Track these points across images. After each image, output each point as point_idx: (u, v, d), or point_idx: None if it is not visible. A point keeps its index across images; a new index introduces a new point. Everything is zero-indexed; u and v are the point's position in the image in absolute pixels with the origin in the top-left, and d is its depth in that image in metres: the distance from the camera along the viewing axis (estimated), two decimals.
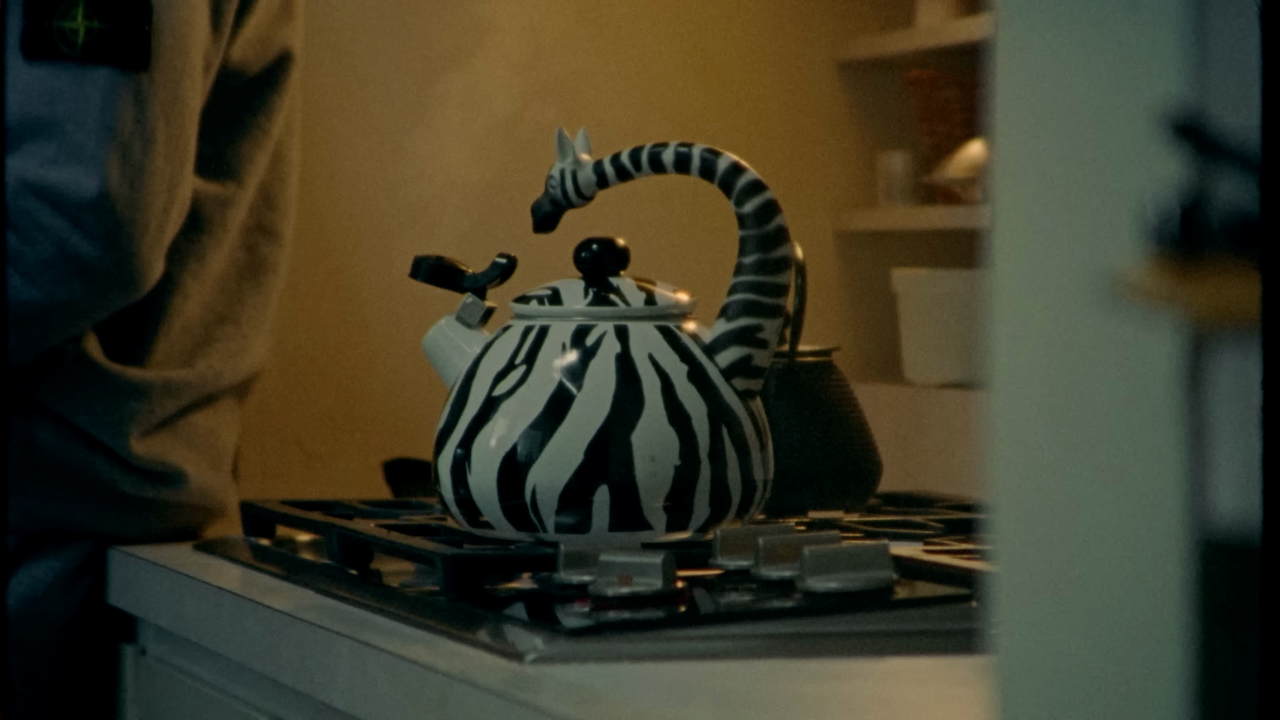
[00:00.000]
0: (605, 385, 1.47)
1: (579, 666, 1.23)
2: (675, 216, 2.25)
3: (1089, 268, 0.62)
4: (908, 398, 2.13)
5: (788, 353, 1.75)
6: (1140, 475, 0.60)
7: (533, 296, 1.56)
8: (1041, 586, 0.67)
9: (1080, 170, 0.63)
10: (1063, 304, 0.64)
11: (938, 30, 2.14)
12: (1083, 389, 0.62)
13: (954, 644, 1.28)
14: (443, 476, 1.51)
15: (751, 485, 1.48)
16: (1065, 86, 0.65)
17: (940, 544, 1.54)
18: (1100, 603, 0.63)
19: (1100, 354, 0.61)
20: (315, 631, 1.41)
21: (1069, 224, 0.64)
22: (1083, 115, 0.63)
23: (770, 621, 1.30)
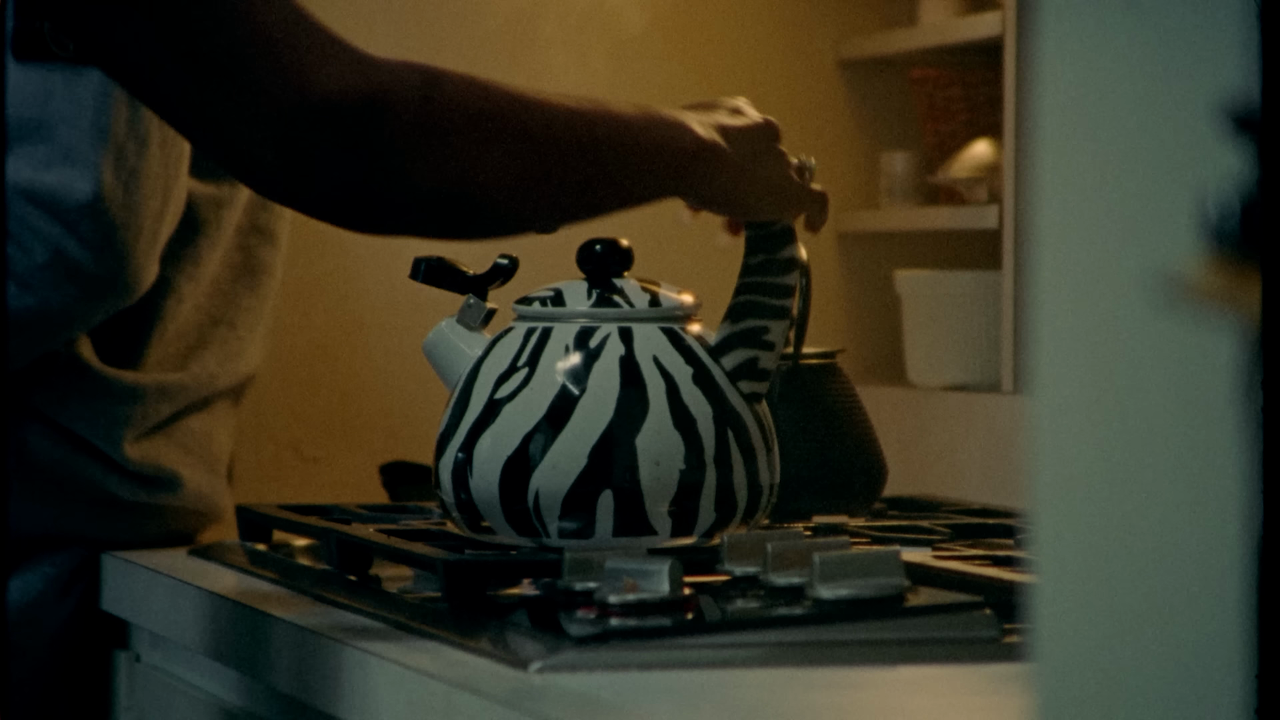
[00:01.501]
0: (609, 388, 1.44)
1: (586, 675, 1.21)
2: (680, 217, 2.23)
3: (1143, 268, 0.59)
4: (911, 400, 2.11)
5: (792, 355, 1.73)
6: (1196, 483, 0.57)
7: (535, 298, 1.53)
8: (1086, 598, 0.64)
9: (1133, 166, 0.61)
10: (1113, 306, 0.61)
11: (941, 28, 2.12)
12: (1134, 394, 0.60)
13: (968, 652, 1.26)
14: (444, 480, 1.49)
15: (758, 490, 1.46)
16: (1116, 79, 0.62)
17: (950, 549, 1.52)
18: (1152, 615, 0.61)
19: (1154, 358, 0.59)
20: (315, 639, 1.39)
21: (1121, 223, 0.62)
22: (1135, 108, 0.60)
23: (780, 629, 1.27)
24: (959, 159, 2.11)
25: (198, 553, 1.78)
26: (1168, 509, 0.58)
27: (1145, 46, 0.60)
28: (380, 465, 2.05)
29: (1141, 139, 0.61)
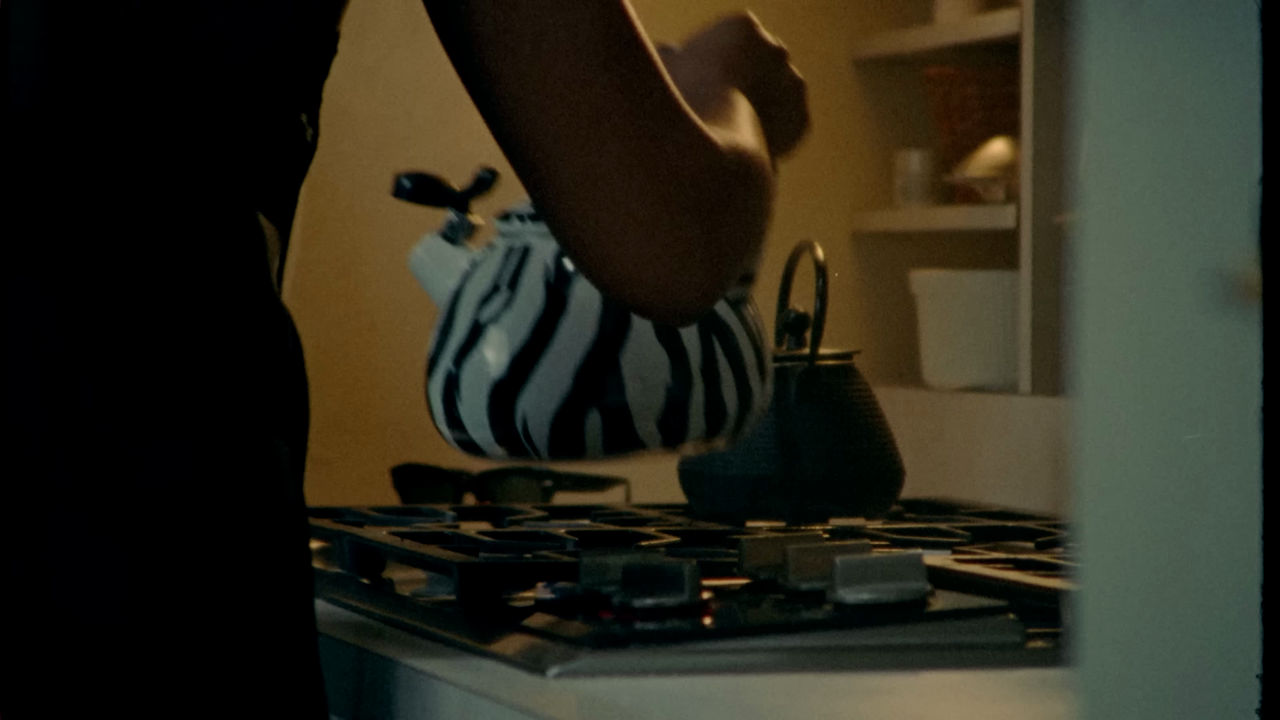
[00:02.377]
0: (590, 305, 1.41)
1: (604, 681, 1.19)
2: None
3: (1195, 267, 0.58)
4: (926, 402, 2.09)
5: (808, 356, 1.71)
6: (1247, 487, 0.56)
7: (513, 213, 1.50)
8: (1131, 605, 0.63)
9: (1185, 163, 0.59)
10: (1163, 306, 0.60)
11: (957, 26, 2.11)
12: (1184, 396, 0.58)
13: (992, 658, 1.24)
14: (434, 404, 1.46)
15: (748, 398, 1.42)
16: (1166, 75, 0.61)
17: (970, 553, 1.50)
18: (1199, 622, 0.59)
19: (1205, 359, 0.57)
20: (329, 643, 1.37)
21: (1172, 221, 0.60)
22: (1187, 104, 0.59)
23: (800, 634, 1.25)
24: (975, 158, 2.09)
25: None
26: (1218, 514, 0.56)
27: (1198, 43, 0.59)
28: (392, 467, 2.03)
29: (1193, 136, 0.59)
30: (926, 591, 1.28)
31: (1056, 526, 1.64)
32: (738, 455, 1.68)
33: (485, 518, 1.74)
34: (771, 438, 1.68)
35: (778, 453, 1.68)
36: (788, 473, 1.68)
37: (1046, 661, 1.25)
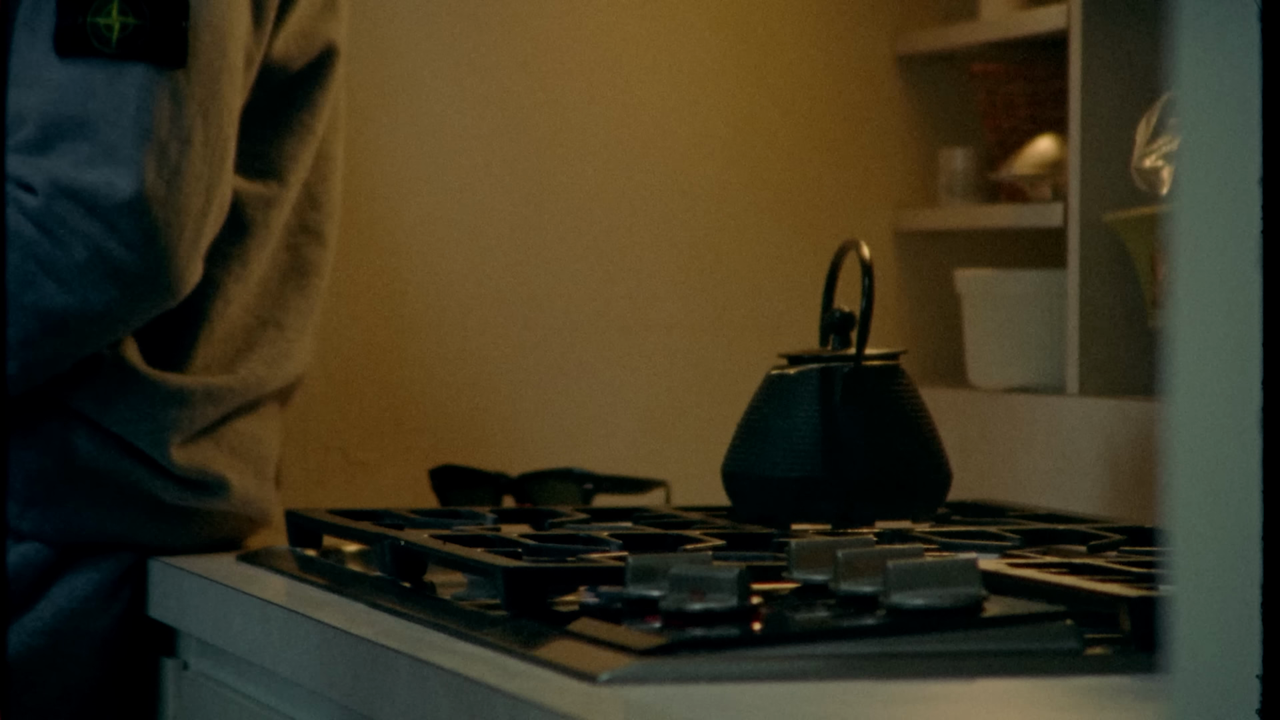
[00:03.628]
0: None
1: (655, 688, 1.17)
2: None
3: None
4: (971, 403, 2.07)
5: (854, 356, 1.69)
6: None
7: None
8: (1225, 611, 0.60)
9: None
10: (1259, 305, 0.57)
11: (1003, 22, 2.08)
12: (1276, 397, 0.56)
13: (1050, 665, 1.22)
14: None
15: None
16: (1254, 71, 0.58)
17: (1022, 557, 1.47)
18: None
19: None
20: (372, 648, 1.35)
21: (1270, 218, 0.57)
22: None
23: (852, 640, 1.23)
24: (1022, 155, 2.07)
25: (246, 559, 1.75)
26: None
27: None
28: (430, 469, 2.01)
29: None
30: (981, 597, 1.25)
31: (1108, 529, 1.62)
32: (783, 457, 1.66)
33: (526, 520, 1.73)
34: (817, 439, 1.65)
35: (823, 454, 1.65)
36: (833, 475, 1.65)
37: (1106, 669, 1.22)
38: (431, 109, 2.13)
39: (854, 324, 1.71)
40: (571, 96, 2.16)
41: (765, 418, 1.68)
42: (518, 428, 2.14)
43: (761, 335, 2.18)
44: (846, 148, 2.22)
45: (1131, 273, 1.93)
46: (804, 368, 1.69)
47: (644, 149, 2.17)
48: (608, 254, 2.17)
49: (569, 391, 2.15)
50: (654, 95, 2.17)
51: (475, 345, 2.14)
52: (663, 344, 2.18)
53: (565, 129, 2.16)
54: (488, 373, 2.14)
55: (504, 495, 2.00)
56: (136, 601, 1.78)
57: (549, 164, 2.15)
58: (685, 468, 2.12)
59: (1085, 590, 1.29)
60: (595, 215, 2.17)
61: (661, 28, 2.17)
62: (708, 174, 2.18)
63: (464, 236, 2.14)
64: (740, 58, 2.19)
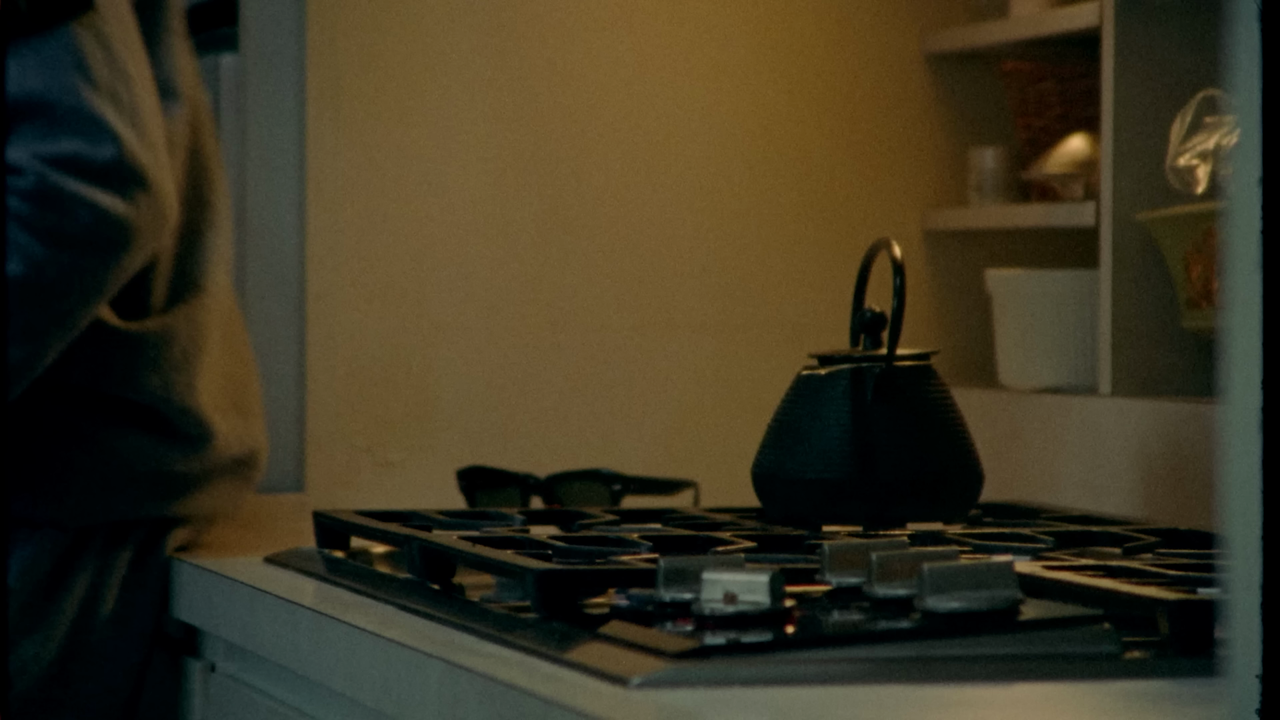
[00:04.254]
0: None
1: (688, 692, 1.16)
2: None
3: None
4: (1002, 403, 2.05)
5: (885, 356, 1.67)
6: None
7: None
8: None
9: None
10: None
11: (1033, 20, 2.06)
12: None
13: (1088, 669, 1.21)
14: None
15: None
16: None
17: (1057, 559, 1.46)
18: None
19: None
20: (402, 650, 1.34)
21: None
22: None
23: (887, 644, 1.22)
24: (1053, 154, 2.05)
25: (273, 560, 1.74)
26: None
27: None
28: (458, 470, 2.00)
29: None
30: (1018, 600, 1.24)
31: (1143, 531, 1.60)
32: (813, 458, 1.64)
33: (555, 521, 1.72)
34: (848, 440, 1.64)
35: (854, 455, 1.64)
36: (864, 476, 1.64)
37: (1146, 673, 1.21)
38: (459, 109, 2.12)
39: (885, 324, 1.70)
40: (599, 97, 2.15)
41: (796, 419, 1.67)
42: (545, 428, 2.13)
43: (790, 335, 2.16)
44: (876, 147, 2.20)
45: (1164, 272, 1.91)
46: (835, 368, 1.68)
47: (672, 149, 2.16)
48: (636, 254, 2.16)
49: (597, 392, 2.14)
50: (682, 96, 2.16)
51: (503, 345, 2.13)
52: (690, 344, 2.16)
53: (593, 129, 2.15)
54: (515, 373, 2.13)
55: (532, 496, 1.99)
56: (155, 592, 1.78)
57: (577, 164, 2.14)
58: (714, 468, 2.10)
59: (1123, 593, 1.28)
60: (623, 215, 2.16)
61: (690, 28, 2.16)
62: (736, 174, 2.17)
63: (491, 237, 2.13)
64: (768, 57, 2.18)
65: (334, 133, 2.09)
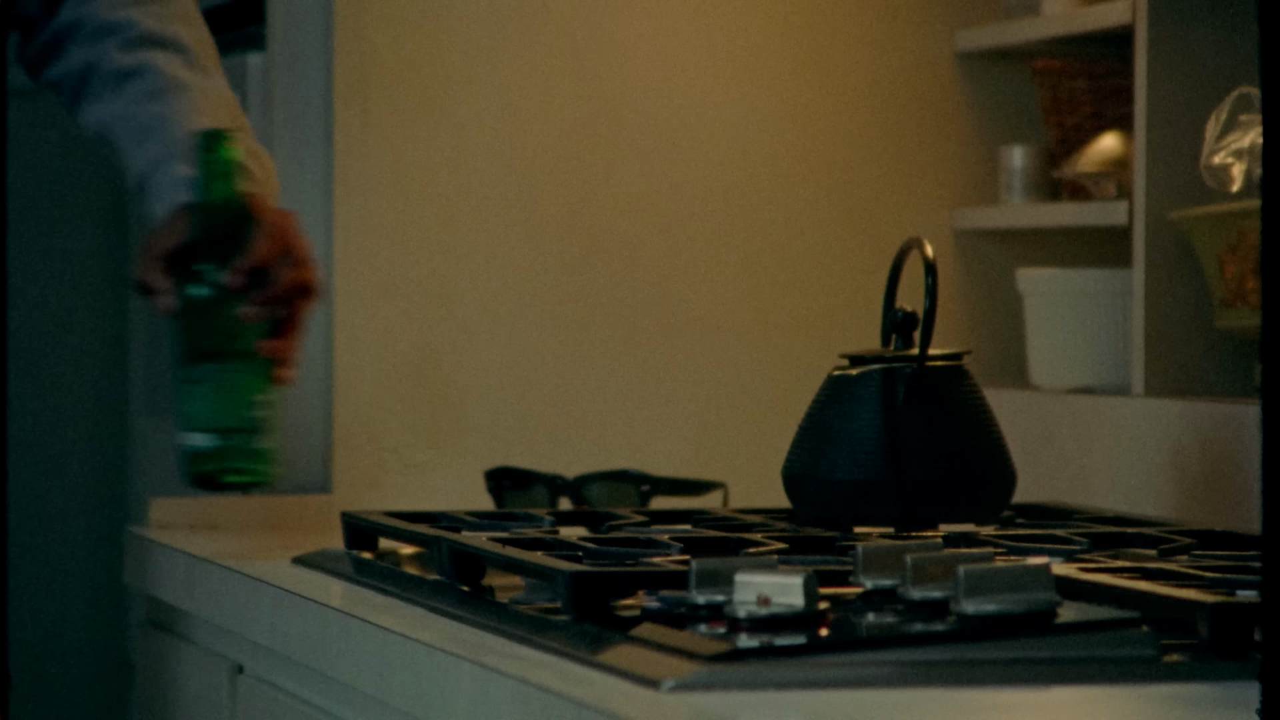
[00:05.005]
0: None
1: (721, 695, 1.15)
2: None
3: None
4: (1034, 403, 2.04)
5: (917, 356, 1.66)
6: None
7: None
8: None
9: None
10: None
11: (1065, 18, 2.05)
12: None
13: (1126, 673, 1.19)
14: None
15: None
16: None
17: (1093, 561, 1.44)
18: None
19: None
20: (432, 653, 1.33)
21: None
22: None
23: (923, 647, 1.21)
24: (1086, 153, 2.04)
25: (301, 561, 1.73)
26: None
27: None
28: (486, 470, 2.00)
29: None
30: (1055, 602, 1.23)
31: (1178, 533, 1.59)
32: (844, 459, 1.63)
33: (584, 522, 1.71)
34: (879, 441, 1.63)
35: (886, 456, 1.63)
36: (896, 477, 1.63)
37: (1185, 676, 1.19)
38: (487, 108, 2.11)
39: (917, 324, 1.68)
40: (628, 96, 2.14)
41: (827, 419, 1.66)
42: (573, 429, 2.12)
43: (819, 335, 2.15)
44: (906, 146, 2.19)
45: (1198, 271, 1.90)
46: (866, 368, 1.67)
47: (701, 148, 2.15)
48: (664, 254, 2.15)
49: (625, 392, 2.13)
50: (711, 94, 2.15)
51: (530, 346, 2.12)
52: (718, 344, 2.15)
53: (621, 128, 2.14)
54: (543, 373, 2.12)
55: (560, 497, 1.98)
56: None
57: (604, 164, 2.13)
58: (743, 469, 2.09)
59: (1161, 596, 1.26)
60: (651, 214, 2.15)
61: (719, 27, 2.15)
62: (765, 173, 2.16)
63: (519, 237, 2.12)
64: (798, 55, 2.17)
65: (361, 132, 2.09)
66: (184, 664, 1.89)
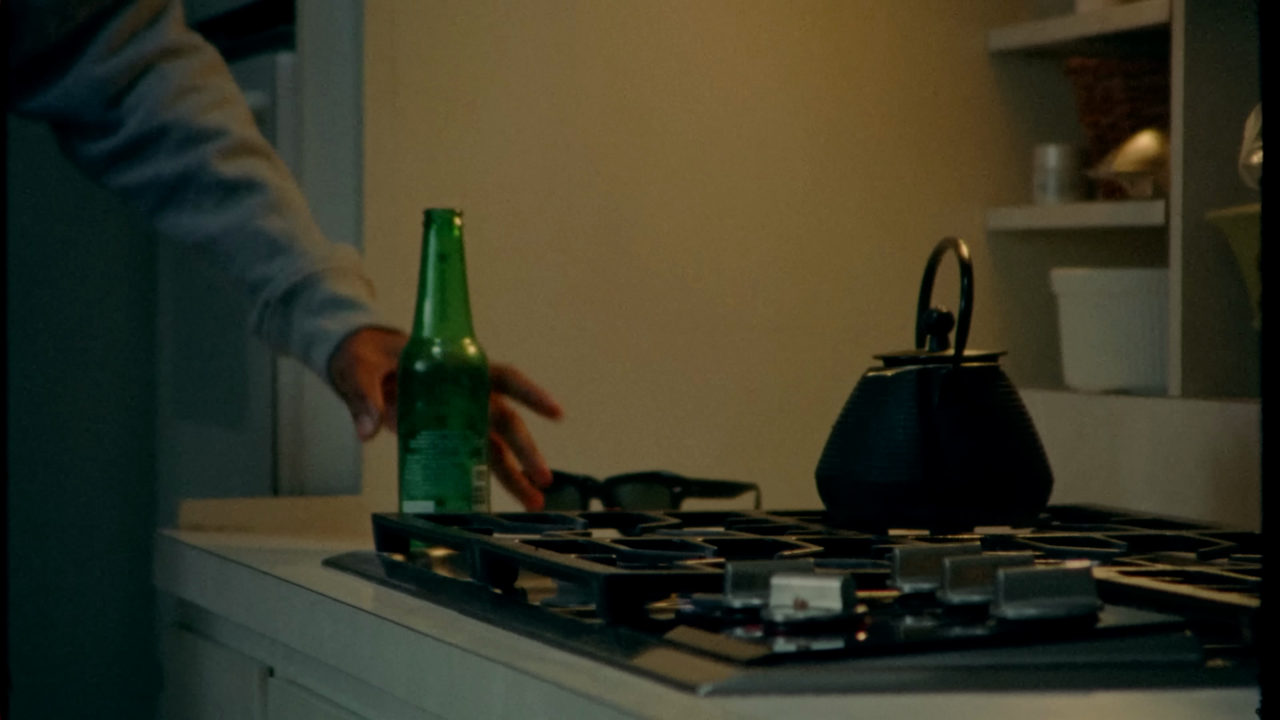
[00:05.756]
0: None
1: (759, 700, 1.14)
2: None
3: None
4: (1069, 405, 2.02)
5: (952, 358, 1.65)
6: None
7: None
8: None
9: None
10: None
11: (1101, 16, 2.04)
12: None
13: (1169, 678, 1.18)
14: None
15: None
16: None
17: (1133, 564, 1.43)
18: None
19: None
20: (466, 657, 1.32)
21: None
22: None
23: (963, 651, 1.19)
24: (1122, 152, 2.02)
25: (332, 563, 1.72)
26: None
27: None
28: None
29: None
30: (1097, 607, 1.21)
31: (1217, 536, 1.57)
32: (879, 461, 1.62)
33: (616, 524, 1.69)
34: (914, 442, 1.62)
35: (921, 458, 1.62)
36: (931, 479, 1.61)
37: (1228, 681, 1.18)
38: (518, 107, 2.10)
39: (952, 325, 1.67)
40: (659, 95, 2.13)
41: (862, 421, 1.64)
42: (604, 430, 2.11)
43: (851, 336, 2.14)
44: (939, 145, 2.18)
45: (1235, 272, 1.88)
46: (901, 369, 1.65)
47: (732, 148, 2.14)
48: (696, 254, 2.14)
49: (656, 394, 2.12)
50: (742, 93, 2.14)
51: (560, 346, 2.11)
52: (750, 345, 2.14)
53: (653, 127, 2.12)
54: (573, 374, 2.11)
55: (590, 498, 1.97)
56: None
57: (636, 162, 2.12)
58: (774, 471, 2.08)
59: (1203, 600, 1.25)
60: (682, 214, 2.13)
61: (751, 25, 2.14)
62: (797, 172, 2.15)
63: (550, 236, 2.11)
64: (831, 54, 2.15)
65: (392, 132, 2.08)
66: (214, 667, 1.88)
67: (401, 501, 1.77)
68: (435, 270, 1.76)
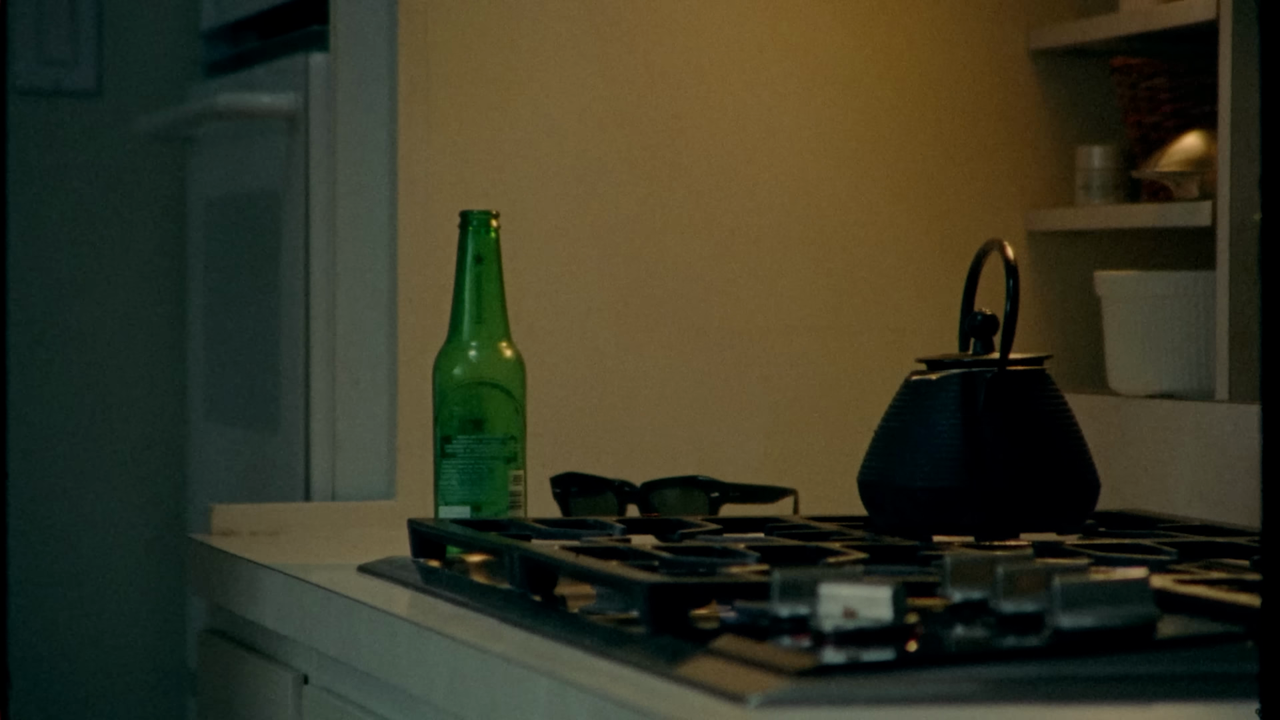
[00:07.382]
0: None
1: (810, 711, 1.11)
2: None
3: None
4: (1113, 409, 1.99)
5: (998, 361, 1.62)
6: None
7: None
8: None
9: None
10: None
11: (1145, 14, 2.01)
12: None
13: (1231, 690, 1.15)
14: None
15: None
16: None
17: (1187, 572, 1.40)
18: None
19: None
20: (507, 666, 1.30)
21: None
22: None
23: (1017, 663, 1.16)
24: (1167, 152, 1.99)
25: (368, 569, 1.70)
26: None
27: None
28: (552, 476, 1.96)
29: None
30: (1155, 616, 1.19)
31: None
32: (923, 466, 1.59)
33: (654, 530, 1.67)
34: (959, 447, 1.59)
35: (966, 463, 1.59)
36: (976, 485, 1.59)
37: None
38: (553, 107, 2.08)
39: (996, 327, 1.65)
40: (697, 96, 2.10)
41: (905, 425, 1.62)
42: (641, 434, 2.08)
43: (890, 339, 2.11)
44: (980, 146, 2.15)
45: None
46: (945, 373, 1.63)
47: (772, 149, 2.11)
48: (733, 256, 2.11)
49: (693, 397, 2.10)
50: (781, 94, 2.11)
51: (597, 350, 2.09)
52: (788, 348, 2.11)
53: (690, 128, 2.10)
54: (610, 377, 2.09)
55: (627, 503, 1.95)
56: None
57: (673, 164, 2.10)
58: (812, 475, 2.05)
59: None
60: (720, 216, 2.11)
61: (790, 26, 2.11)
62: (836, 173, 2.12)
63: (585, 240, 2.09)
64: (870, 54, 2.13)
65: (426, 132, 2.06)
66: (248, 674, 1.86)
67: (437, 506, 1.74)
68: (472, 273, 1.74)
